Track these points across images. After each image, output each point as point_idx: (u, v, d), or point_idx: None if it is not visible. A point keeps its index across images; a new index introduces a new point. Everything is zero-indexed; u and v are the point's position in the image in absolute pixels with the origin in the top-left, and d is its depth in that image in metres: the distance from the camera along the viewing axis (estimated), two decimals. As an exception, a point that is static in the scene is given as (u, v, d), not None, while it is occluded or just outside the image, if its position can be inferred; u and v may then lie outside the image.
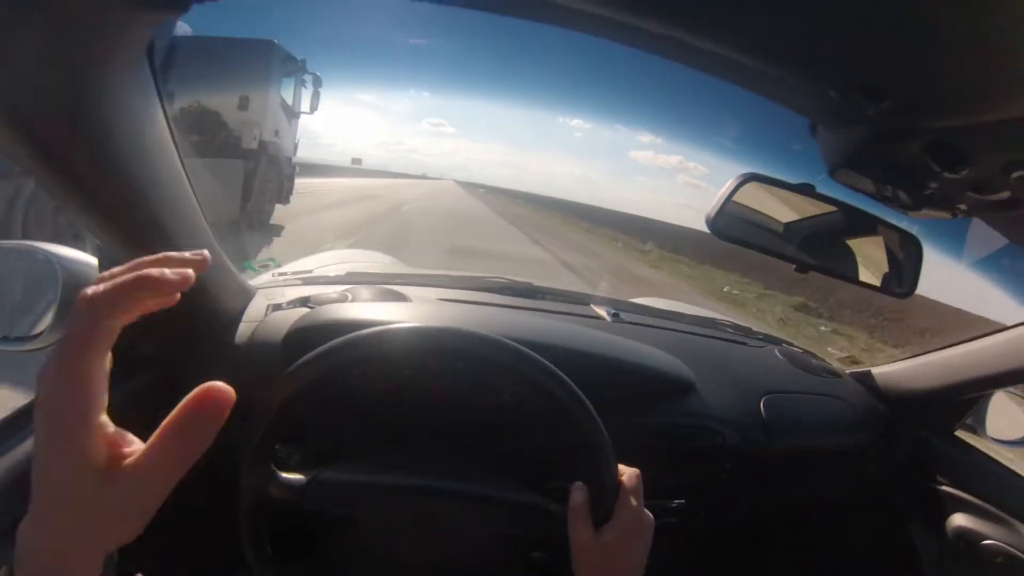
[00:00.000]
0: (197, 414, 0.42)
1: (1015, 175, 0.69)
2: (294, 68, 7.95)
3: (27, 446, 0.79)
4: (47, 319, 0.88)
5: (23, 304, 0.97)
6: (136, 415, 0.93)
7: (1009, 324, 1.19)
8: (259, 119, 7.53)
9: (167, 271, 0.41)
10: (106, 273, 0.39)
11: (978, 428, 1.40)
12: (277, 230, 8.54)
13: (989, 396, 1.36)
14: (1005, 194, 0.75)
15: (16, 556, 0.37)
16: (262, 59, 7.45)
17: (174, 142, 0.77)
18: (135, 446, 0.43)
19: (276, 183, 8.39)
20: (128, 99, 0.65)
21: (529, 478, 0.84)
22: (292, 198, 8.64)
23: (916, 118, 0.65)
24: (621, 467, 0.77)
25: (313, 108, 8.62)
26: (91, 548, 0.40)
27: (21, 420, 0.85)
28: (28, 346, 0.89)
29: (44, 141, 0.61)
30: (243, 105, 7.38)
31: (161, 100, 0.71)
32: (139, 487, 0.41)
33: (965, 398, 1.36)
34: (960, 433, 1.41)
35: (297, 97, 8.29)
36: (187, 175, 0.83)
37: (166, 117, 0.74)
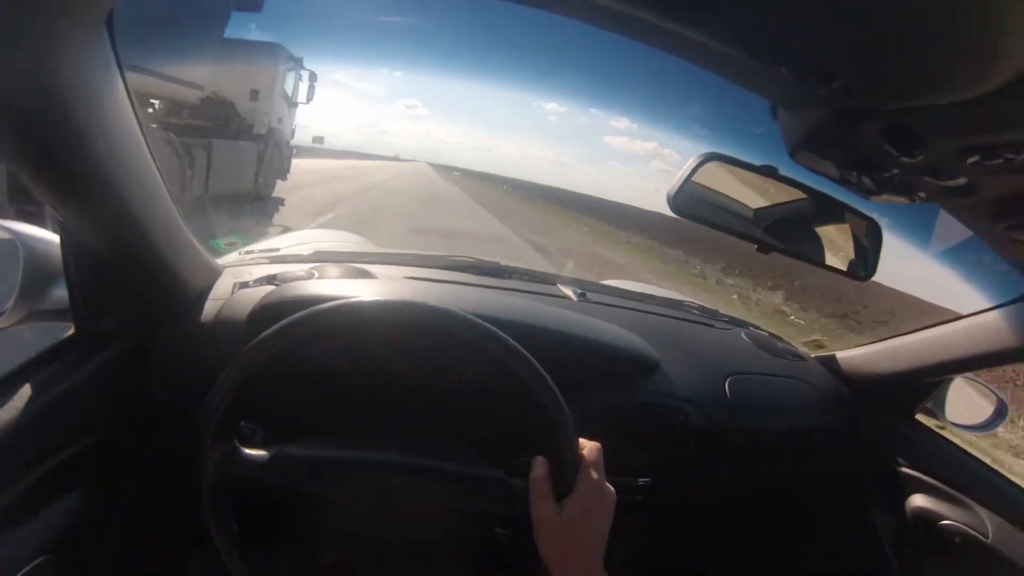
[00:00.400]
0: None
1: (970, 161, 0.70)
2: (294, 65, 9.29)
3: (4, 417, 0.79)
4: (9, 299, 0.87)
5: None
6: (102, 386, 0.94)
7: (968, 312, 1.21)
8: (267, 109, 8.87)
9: None
10: None
11: (937, 412, 1.43)
12: (279, 202, 10.13)
13: (949, 381, 1.39)
14: (962, 180, 0.76)
15: None
16: (270, 59, 8.80)
17: (136, 117, 0.75)
18: None
19: (279, 162, 9.89)
20: (88, 72, 0.63)
21: (492, 454, 0.85)
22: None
23: (867, 99, 0.66)
24: (582, 441, 0.77)
25: (309, 99, 10.04)
26: None
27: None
28: None
29: (5, 114, 0.60)
30: (254, 97, 8.63)
31: (122, 73, 0.69)
32: None
33: (925, 383, 1.38)
34: (920, 417, 1.44)
35: (296, 90, 9.65)
36: (150, 151, 0.81)
37: (127, 90, 0.72)
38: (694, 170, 0.88)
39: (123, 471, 1.02)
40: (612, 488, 0.75)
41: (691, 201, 0.90)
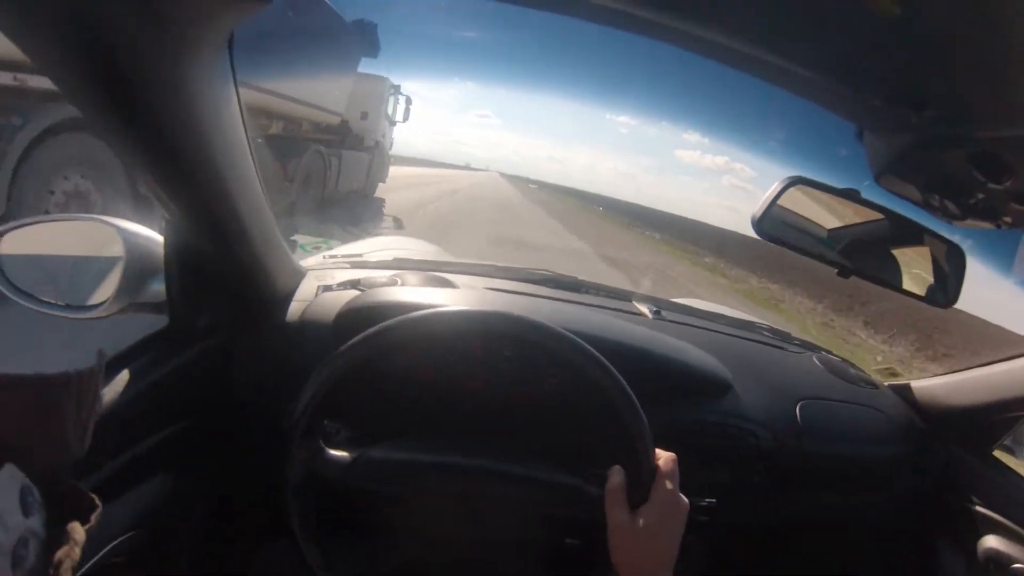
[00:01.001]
0: None
1: None
2: (394, 91, 11.70)
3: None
4: (110, 290, 0.94)
5: (88, 276, 1.04)
6: (191, 377, 1.00)
7: None
8: (373, 127, 11.36)
9: None
10: None
11: (1016, 450, 1.38)
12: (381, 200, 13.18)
13: None
14: None
15: None
16: (378, 87, 11.15)
17: (244, 128, 0.81)
18: None
19: (381, 169, 12.71)
20: (209, 85, 0.70)
21: (567, 462, 0.86)
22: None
23: (958, 127, 0.67)
24: (658, 451, 0.78)
25: (405, 119, 12.43)
26: None
27: None
28: (90, 314, 0.96)
29: (135, 117, 0.66)
30: (364, 117, 10.95)
31: (236, 88, 0.76)
32: None
33: (1005, 418, 1.32)
34: (998, 454, 1.37)
35: (394, 111, 12.01)
36: (254, 159, 0.87)
37: (239, 104, 0.78)
38: (779, 194, 0.89)
39: (206, 459, 1.07)
40: (686, 499, 0.76)
41: (775, 224, 0.91)
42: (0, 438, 0.33)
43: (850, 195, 0.90)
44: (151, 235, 0.98)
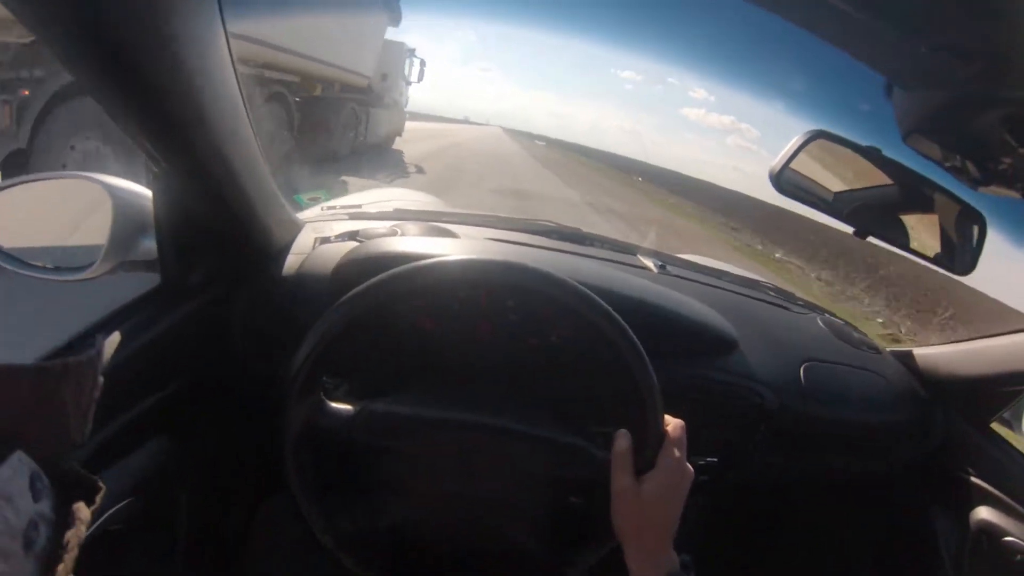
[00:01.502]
0: None
1: None
2: (410, 55, 12.89)
3: None
4: (99, 249, 0.91)
5: (75, 235, 1.02)
6: (186, 337, 0.99)
7: None
8: (392, 87, 12.83)
9: None
10: None
11: (1014, 424, 1.38)
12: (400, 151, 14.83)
13: None
14: None
15: None
16: (396, 53, 12.33)
17: (237, 79, 0.78)
18: None
19: (399, 124, 14.50)
20: (196, 35, 0.67)
21: (574, 421, 0.85)
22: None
23: (1003, 86, 0.64)
24: (666, 418, 0.77)
25: (420, 80, 13.70)
26: None
27: (90, 335, 0.89)
28: (79, 276, 0.92)
29: (118, 69, 0.63)
30: (384, 79, 12.26)
31: (225, 32, 0.73)
32: None
33: (1005, 391, 1.31)
34: (995, 426, 1.37)
35: (410, 72, 13.20)
36: (246, 108, 0.84)
37: (230, 55, 0.75)
38: (800, 147, 0.86)
39: (203, 420, 1.06)
40: (691, 468, 0.75)
41: (794, 179, 0.88)
42: (3, 429, 0.34)
43: (872, 153, 0.86)
44: (140, 190, 0.94)
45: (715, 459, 1.01)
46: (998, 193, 0.86)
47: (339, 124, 9.94)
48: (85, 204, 0.96)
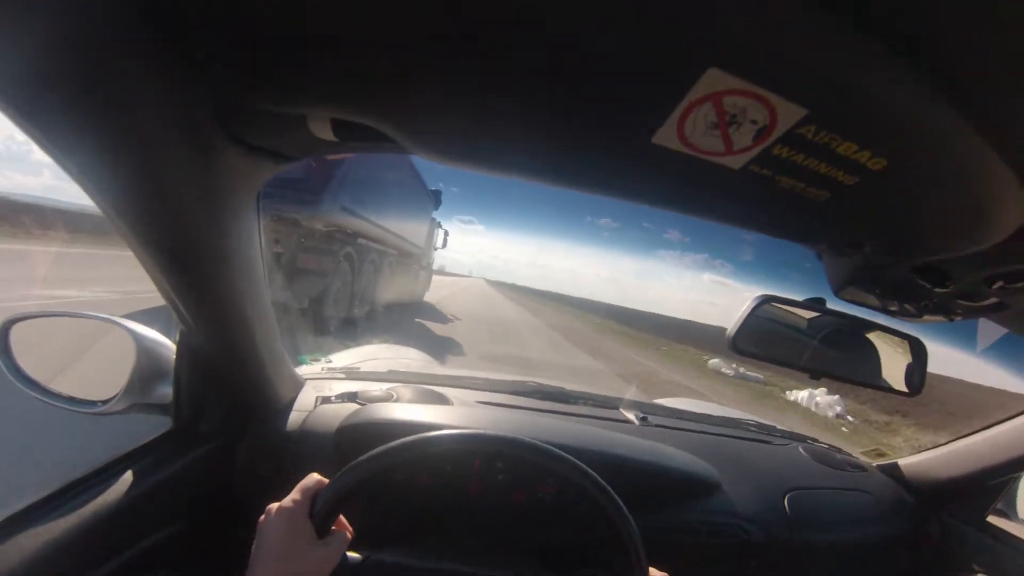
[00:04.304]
0: None
1: (995, 286, 0.79)
2: (439, 226, 15.97)
3: (95, 504, 0.86)
4: (117, 389, 0.98)
5: (95, 371, 1.09)
6: (192, 480, 1.02)
7: None
8: (428, 253, 15.69)
9: None
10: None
11: (1009, 512, 1.41)
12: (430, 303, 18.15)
13: (1018, 479, 1.38)
14: (992, 300, 0.85)
15: None
16: (432, 226, 15.28)
17: (262, 253, 0.90)
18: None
19: (429, 281, 17.90)
20: (240, 222, 0.79)
21: (563, 567, 0.90)
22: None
23: (897, 258, 0.76)
24: (652, 570, 0.81)
25: (444, 246, 16.74)
26: None
27: (105, 472, 0.93)
28: (93, 410, 0.99)
29: (172, 249, 0.74)
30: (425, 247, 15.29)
31: (258, 225, 0.85)
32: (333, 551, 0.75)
33: (994, 483, 1.37)
34: (992, 519, 1.41)
35: (437, 239, 16.19)
36: (266, 280, 0.95)
37: (260, 235, 0.87)
38: (749, 313, 0.97)
39: (203, 558, 1.07)
40: None
41: (750, 341, 0.99)
42: None
43: (817, 306, 0.98)
44: (162, 340, 1.03)
45: None
46: (932, 321, 0.97)
47: (397, 278, 12.74)
48: (110, 346, 1.03)
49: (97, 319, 1.02)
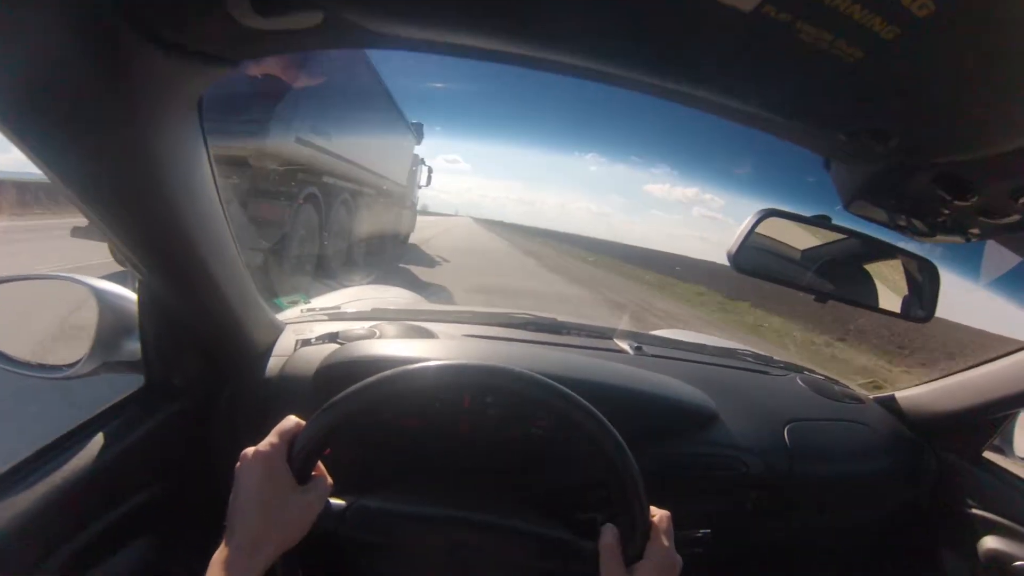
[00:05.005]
0: None
1: (1022, 200, 0.72)
2: (422, 163, 14.87)
3: (65, 472, 0.82)
4: (84, 349, 0.92)
5: (59, 333, 1.03)
6: (169, 438, 0.97)
7: None
8: (412, 191, 14.76)
9: None
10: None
11: (1005, 449, 1.39)
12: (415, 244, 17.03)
13: (1015, 416, 1.35)
14: (1015, 217, 0.78)
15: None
16: (415, 163, 14.30)
17: (215, 185, 0.81)
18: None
19: (414, 220, 16.34)
20: (180, 147, 0.70)
21: (559, 509, 0.86)
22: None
23: (922, 155, 0.69)
24: (652, 508, 0.78)
25: (428, 184, 15.83)
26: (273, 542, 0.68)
27: (75, 436, 0.88)
28: (62, 375, 0.93)
29: (101, 181, 0.66)
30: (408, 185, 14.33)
31: (207, 148, 0.76)
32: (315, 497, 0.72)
33: (991, 419, 1.35)
34: (988, 455, 1.40)
35: (420, 177, 15.13)
36: (226, 216, 0.87)
37: (210, 162, 0.78)
38: (753, 227, 0.90)
39: (185, 521, 1.04)
40: (679, 557, 0.76)
41: (751, 257, 0.92)
42: None
43: (821, 222, 0.91)
44: (126, 293, 0.97)
45: (708, 531, 1.01)
46: (944, 241, 0.90)
47: (382, 218, 12.00)
48: (71, 305, 0.99)
49: (53, 279, 0.98)
